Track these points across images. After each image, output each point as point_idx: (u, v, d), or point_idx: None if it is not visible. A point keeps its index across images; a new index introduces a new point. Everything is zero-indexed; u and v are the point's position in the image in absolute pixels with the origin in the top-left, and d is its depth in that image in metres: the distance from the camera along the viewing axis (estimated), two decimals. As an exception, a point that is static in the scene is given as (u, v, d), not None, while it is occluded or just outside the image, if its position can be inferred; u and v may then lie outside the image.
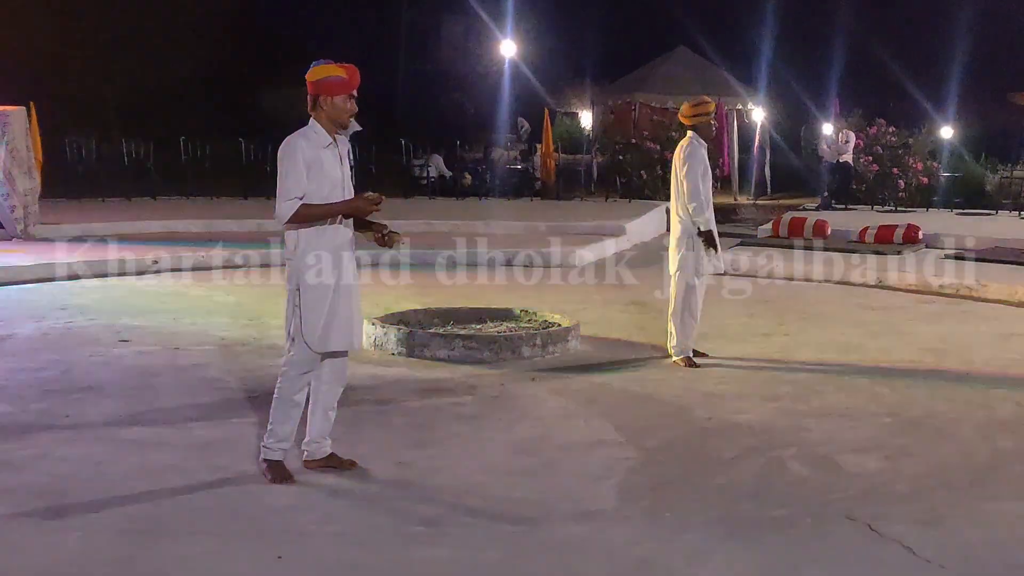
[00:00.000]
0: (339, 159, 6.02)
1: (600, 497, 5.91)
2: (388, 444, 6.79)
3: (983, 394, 8.24)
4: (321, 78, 5.90)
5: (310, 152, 5.87)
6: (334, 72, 5.92)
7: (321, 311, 5.93)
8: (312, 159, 5.87)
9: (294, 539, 5.17)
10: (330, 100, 5.92)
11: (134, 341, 9.78)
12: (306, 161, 5.84)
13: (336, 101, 5.93)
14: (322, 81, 5.90)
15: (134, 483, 5.95)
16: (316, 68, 5.93)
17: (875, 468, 6.46)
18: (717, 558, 5.03)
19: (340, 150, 6.04)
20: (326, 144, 5.95)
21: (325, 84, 5.90)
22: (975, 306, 12.41)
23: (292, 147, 5.86)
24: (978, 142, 30.25)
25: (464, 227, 18.60)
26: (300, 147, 5.86)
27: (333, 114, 5.95)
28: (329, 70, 5.92)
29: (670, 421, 7.47)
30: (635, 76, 31.51)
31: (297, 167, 5.82)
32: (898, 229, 17.15)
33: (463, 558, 5.01)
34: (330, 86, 5.91)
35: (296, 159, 5.83)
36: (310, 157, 5.86)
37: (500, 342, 9.31)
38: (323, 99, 5.92)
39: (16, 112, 16.65)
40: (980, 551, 5.17)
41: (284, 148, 5.88)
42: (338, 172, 6.00)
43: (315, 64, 5.95)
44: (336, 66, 5.95)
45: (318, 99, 5.93)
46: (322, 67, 5.92)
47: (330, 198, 5.93)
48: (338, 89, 5.92)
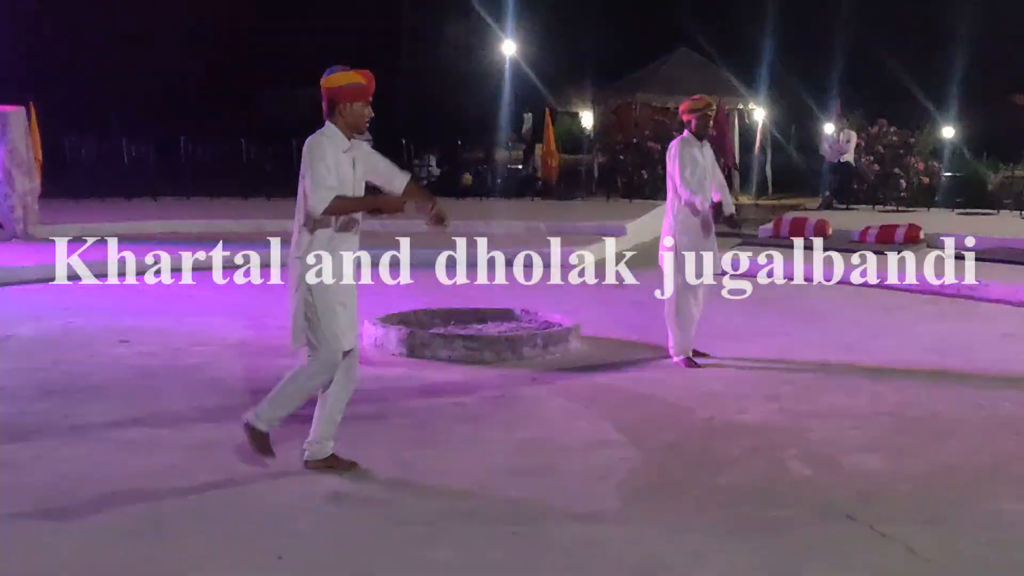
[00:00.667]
0: (352, 164, 6.04)
1: (601, 497, 5.90)
2: (389, 444, 6.78)
3: (985, 394, 8.23)
4: (342, 85, 5.93)
5: (334, 153, 5.92)
6: (354, 79, 5.95)
7: (338, 311, 5.99)
8: (335, 159, 5.91)
9: (295, 539, 5.16)
10: (349, 106, 5.96)
11: (134, 342, 9.78)
12: (334, 159, 5.89)
13: (355, 107, 5.97)
14: (343, 88, 5.93)
15: (135, 484, 5.94)
16: (335, 75, 5.95)
17: (876, 468, 6.45)
18: (719, 558, 5.02)
19: (354, 154, 6.06)
20: (345, 148, 5.99)
21: (346, 91, 5.93)
22: (976, 306, 12.41)
23: (320, 143, 5.91)
24: (979, 142, 30.21)
25: (465, 227, 18.59)
26: (326, 143, 5.90)
27: (352, 120, 5.99)
28: (349, 77, 5.95)
29: (671, 421, 7.46)
30: (636, 76, 31.52)
31: (327, 160, 5.85)
32: (899, 229, 17.16)
33: (464, 559, 5.00)
34: (350, 92, 5.94)
35: (326, 153, 5.87)
36: (335, 157, 5.91)
37: (501, 342, 9.31)
38: (342, 105, 5.95)
39: (16, 112, 16.65)
40: (982, 551, 5.16)
41: (312, 144, 5.91)
42: (351, 177, 6.02)
43: (332, 71, 5.97)
44: (355, 72, 5.98)
45: (336, 105, 5.95)
46: (341, 74, 5.95)
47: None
48: (358, 95, 5.96)
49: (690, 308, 9.13)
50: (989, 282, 13.04)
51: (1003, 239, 17.01)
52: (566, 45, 39.92)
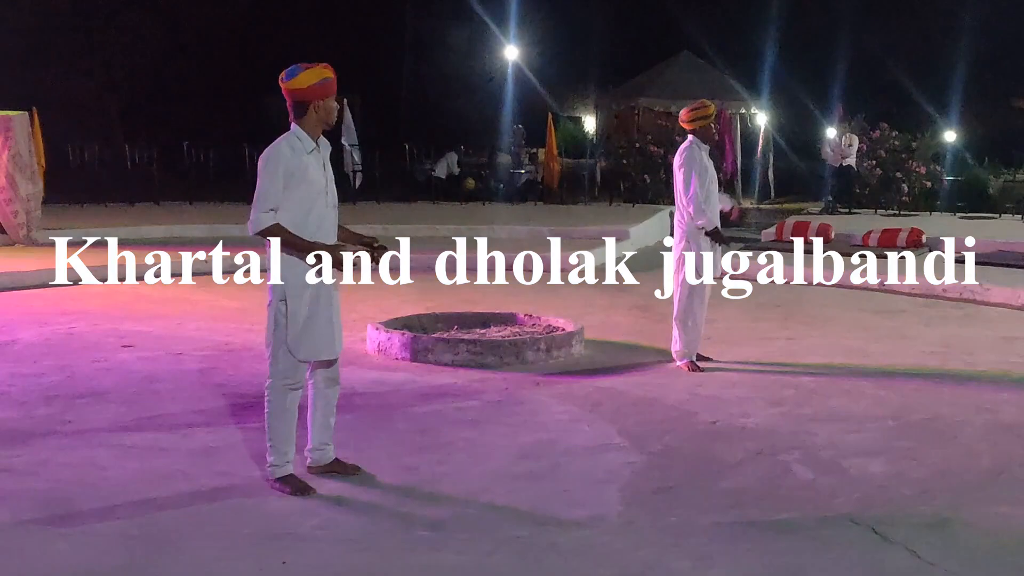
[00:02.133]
0: (322, 164, 5.93)
1: (605, 501, 5.91)
2: (392, 449, 6.78)
3: (987, 398, 8.22)
4: (315, 83, 5.81)
5: (294, 160, 5.77)
6: (324, 74, 5.83)
7: (308, 321, 5.84)
8: (296, 167, 5.75)
9: (298, 545, 5.16)
10: (322, 103, 5.85)
11: (137, 346, 9.78)
12: (288, 170, 5.73)
13: (329, 103, 5.88)
14: (317, 86, 5.81)
15: (137, 489, 5.94)
16: (305, 74, 5.80)
17: (879, 472, 6.45)
18: (722, 562, 5.02)
19: (323, 155, 5.95)
20: (310, 150, 5.86)
21: (320, 88, 5.82)
22: (978, 309, 12.41)
23: (276, 156, 5.74)
24: (981, 146, 30.23)
25: (467, 231, 18.60)
26: (284, 156, 5.75)
27: (326, 116, 5.89)
28: (319, 73, 5.82)
29: (674, 425, 7.46)
30: (639, 80, 31.52)
31: (275, 178, 5.71)
32: (901, 233, 17.14)
33: (468, 563, 5.01)
34: (324, 89, 5.83)
35: (277, 169, 5.72)
36: (294, 165, 5.75)
37: (504, 347, 9.31)
38: (316, 103, 5.83)
39: (19, 117, 16.65)
40: (985, 555, 5.16)
41: (268, 156, 5.76)
42: (322, 178, 5.90)
43: (296, 70, 5.82)
44: (322, 67, 5.85)
45: (309, 105, 5.83)
46: (309, 72, 5.81)
47: (314, 204, 5.84)
48: (331, 91, 5.87)
49: (697, 311, 9.13)
50: (990, 286, 13.03)
51: (1004, 243, 16.99)
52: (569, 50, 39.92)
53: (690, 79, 29.70)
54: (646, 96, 29.64)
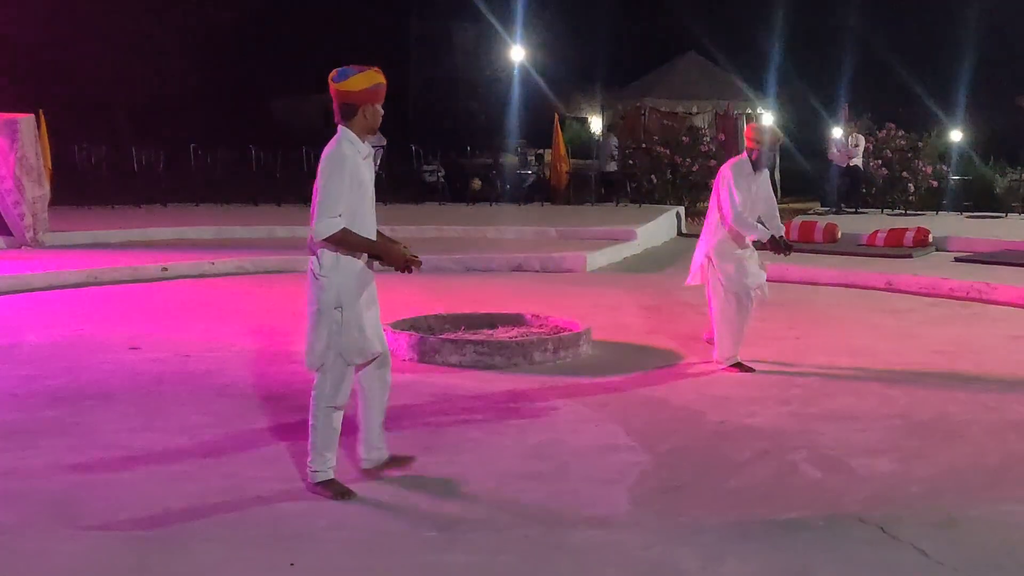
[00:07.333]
0: (370, 167, 5.93)
1: (613, 501, 5.91)
2: (401, 450, 6.77)
3: (994, 396, 8.22)
4: (369, 86, 5.73)
5: (353, 163, 5.71)
6: (376, 79, 5.76)
7: (361, 324, 5.79)
8: (354, 170, 5.70)
9: (307, 546, 5.16)
10: (372, 107, 5.78)
11: (144, 348, 9.79)
12: (351, 174, 5.68)
13: (377, 108, 5.81)
14: (367, 90, 5.73)
15: (145, 491, 5.95)
16: (355, 77, 5.71)
17: (887, 471, 6.45)
18: (730, 561, 5.01)
19: (369, 159, 5.92)
20: (365, 154, 5.82)
21: (371, 92, 5.74)
22: (985, 309, 12.39)
23: (341, 158, 5.66)
24: (987, 145, 30.16)
25: (474, 232, 18.61)
26: (348, 158, 5.67)
27: (374, 122, 5.82)
28: (371, 78, 5.74)
29: (682, 425, 7.47)
30: (645, 81, 31.48)
31: (343, 182, 5.62)
32: (908, 232, 17.14)
33: (477, 563, 5.00)
34: (375, 94, 5.77)
35: (344, 172, 5.64)
36: (353, 169, 5.69)
37: (512, 347, 9.31)
38: (366, 107, 5.75)
39: (26, 119, 16.67)
40: (994, 553, 5.14)
41: (332, 158, 5.66)
42: (369, 184, 5.87)
43: (347, 72, 5.73)
44: (374, 71, 5.78)
45: (359, 108, 5.74)
46: (362, 76, 5.73)
47: (363, 207, 5.78)
48: (381, 96, 5.80)
49: (737, 315, 9.05)
50: (997, 285, 13.01)
51: (1011, 242, 16.97)
52: (575, 51, 39.96)
53: (696, 79, 29.70)
54: (652, 96, 29.59)
